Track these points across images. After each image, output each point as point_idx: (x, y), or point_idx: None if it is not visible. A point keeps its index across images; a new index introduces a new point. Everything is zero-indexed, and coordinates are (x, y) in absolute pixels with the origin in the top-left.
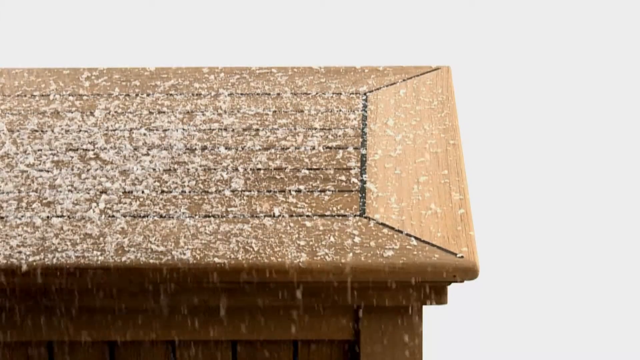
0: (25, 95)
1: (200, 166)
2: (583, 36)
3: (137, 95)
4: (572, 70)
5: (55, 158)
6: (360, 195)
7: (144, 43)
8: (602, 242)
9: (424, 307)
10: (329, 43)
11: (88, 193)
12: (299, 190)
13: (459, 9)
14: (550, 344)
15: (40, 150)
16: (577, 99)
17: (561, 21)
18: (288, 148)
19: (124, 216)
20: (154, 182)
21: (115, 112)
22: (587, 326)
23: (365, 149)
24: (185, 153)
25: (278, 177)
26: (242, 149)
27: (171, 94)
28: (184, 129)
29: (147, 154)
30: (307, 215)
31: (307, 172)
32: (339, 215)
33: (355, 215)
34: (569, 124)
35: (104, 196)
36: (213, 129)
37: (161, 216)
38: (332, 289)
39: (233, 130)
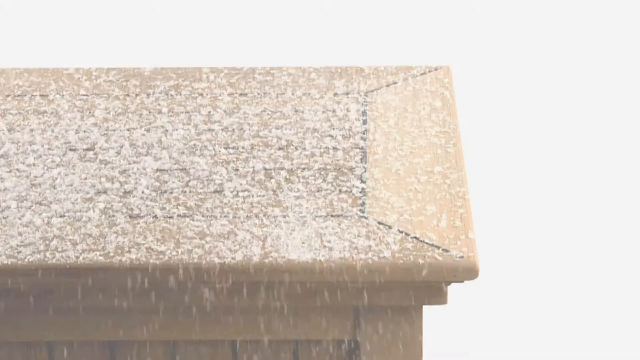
0: (25, 95)
1: (200, 166)
2: (583, 36)
3: (137, 95)
4: (572, 70)
5: (56, 158)
6: (360, 195)
7: (144, 43)
8: (602, 241)
9: (424, 307)
10: (329, 43)
11: (88, 193)
12: (299, 191)
13: (459, 9)
14: (550, 344)
15: (40, 150)
16: (577, 98)
17: (561, 21)
18: (288, 148)
19: (124, 216)
20: (154, 182)
21: (115, 112)
22: (587, 326)
23: (365, 149)
24: (185, 153)
25: (278, 177)
26: (242, 149)
27: (171, 94)
28: (184, 129)
29: (147, 154)
30: (307, 215)
31: (307, 172)
32: (339, 215)
33: (355, 215)
34: (569, 123)
35: (104, 196)
36: (213, 129)
37: (161, 216)
38: (332, 289)
39: (233, 130)
